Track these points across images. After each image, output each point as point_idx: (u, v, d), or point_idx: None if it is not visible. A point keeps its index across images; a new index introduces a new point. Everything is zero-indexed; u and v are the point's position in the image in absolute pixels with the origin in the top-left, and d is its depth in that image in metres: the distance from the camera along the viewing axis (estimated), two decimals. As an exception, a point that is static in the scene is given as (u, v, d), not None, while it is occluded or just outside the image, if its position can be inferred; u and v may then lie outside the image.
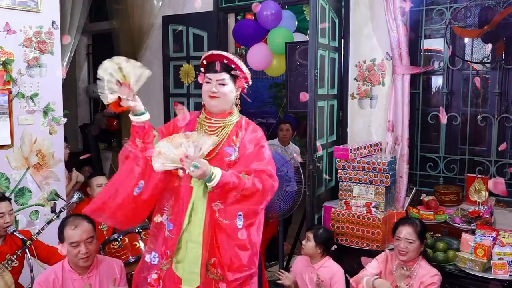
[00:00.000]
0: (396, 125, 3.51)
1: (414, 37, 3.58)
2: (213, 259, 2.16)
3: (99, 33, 6.04)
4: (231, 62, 2.23)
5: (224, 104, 2.25)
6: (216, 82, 2.21)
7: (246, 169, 2.15)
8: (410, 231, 2.67)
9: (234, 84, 2.26)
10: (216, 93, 2.21)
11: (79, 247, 2.41)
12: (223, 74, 2.22)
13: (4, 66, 3.12)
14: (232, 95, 2.27)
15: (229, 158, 2.21)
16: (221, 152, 2.21)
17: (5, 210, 2.82)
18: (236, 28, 4.49)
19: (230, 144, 2.23)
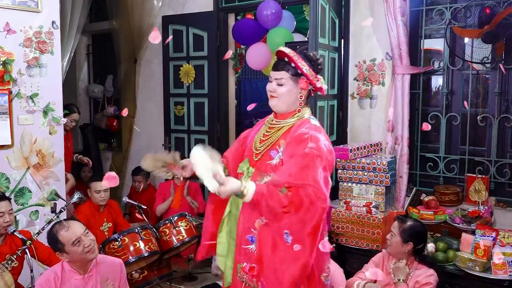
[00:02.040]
0: (396, 125, 3.51)
1: (414, 37, 3.58)
2: (244, 263, 2.04)
3: (99, 33, 6.04)
4: (291, 60, 2.05)
5: (282, 105, 2.10)
6: (275, 81, 2.09)
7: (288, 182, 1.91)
8: (395, 224, 2.71)
9: (297, 83, 2.07)
10: (274, 92, 2.09)
11: (82, 242, 2.41)
12: (282, 73, 2.07)
13: (4, 66, 3.12)
14: (291, 96, 2.08)
15: (270, 162, 2.05)
16: (266, 154, 2.08)
17: (5, 210, 2.82)
18: (236, 27, 4.49)
19: (275, 147, 2.07)
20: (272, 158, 2.06)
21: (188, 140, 4.84)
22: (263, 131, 2.17)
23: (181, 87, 4.83)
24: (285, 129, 2.10)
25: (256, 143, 2.14)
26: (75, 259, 2.45)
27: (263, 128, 2.20)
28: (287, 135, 2.07)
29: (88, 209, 3.62)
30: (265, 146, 2.10)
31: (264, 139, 2.13)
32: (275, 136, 2.10)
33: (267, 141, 2.11)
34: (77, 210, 3.55)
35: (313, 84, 2.08)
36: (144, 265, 3.36)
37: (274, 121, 2.16)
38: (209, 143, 4.71)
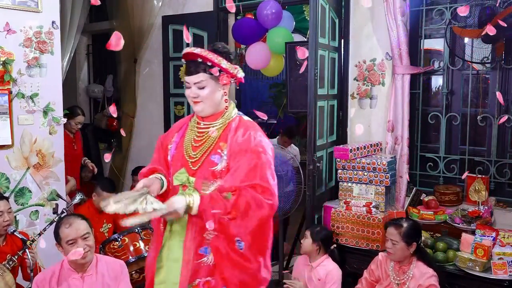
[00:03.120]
0: (396, 125, 3.51)
1: (414, 37, 3.58)
2: (197, 280, 1.91)
3: (99, 33, 6.04)
4: (205, 59, 1.93)
5: (210, 108, 2.00)
6: (195, 86, 1.97)
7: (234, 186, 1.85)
8: (393, 232, 2.69)
9: (217, 81, 1.97)
10: (197, 97, 1.97)
11: (76, 244, 2.39)
12: (199, 75, 1.94)
13: (4, 66, 3.12)
14: (216, 96, 1.99)
15: (214, 168, 1.94)
16: (207, 161, 1.96)
17: (4, 209, 2.82)
18: (236, 26, 4.49)
19: (217, 151, 1.95)
20: (215, 163, 1.94)
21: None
22: (192, 136, 2.04)
23: (181, 87, 4.82)
24: (220, 130, 2.00)
25: (189, 150, 2.01)
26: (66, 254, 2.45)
27: (190, 133, 2.06)
28: (225, 137, 1.97)
29: (88, 210, 3.62)
30: (203, 152, 1.97)
31: (198, 145, 2.00)
32: (211, 140, 1.98)
33: (203, 147, 1.98)
34: (77, 210, 3.54)
35: (234, 76, 2.00)
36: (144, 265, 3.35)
37: (202, 124, 2.03)
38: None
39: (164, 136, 2.18)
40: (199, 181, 1.95)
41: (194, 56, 1.95)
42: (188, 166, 1.99)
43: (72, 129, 4.32)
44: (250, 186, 1.84)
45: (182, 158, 2.02)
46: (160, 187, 1.97)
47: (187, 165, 1.99)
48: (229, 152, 1.94)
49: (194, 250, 1.93)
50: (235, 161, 1.91)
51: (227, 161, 1.94)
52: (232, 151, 1.93)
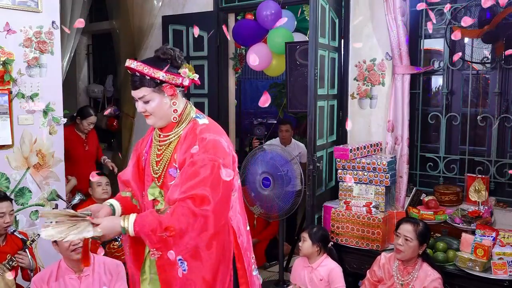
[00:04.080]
0: (396, 125, 3.51)
1: (414, 37, 3.58)
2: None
3: (99, 33, 6.04)
4: (142, 73, 1.83)
5: (161, 121, 1.91)
6: (140, 100, 1.88)
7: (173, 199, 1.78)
8: (409, 228, 2.69)
9: (163, 93, 1.87)
10: (145, 112, 1.89)
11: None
12: (142, 90, 1.84)
13: (4, 66, 3.12)
14: (164, 108, 1.88)
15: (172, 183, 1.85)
16: (166, 175, 1.89)
17: (6, 210, 2.82)
18: (236, 27, 4.49)
19: (172, 164, 1.87)
20: (173, 177, 1.86)
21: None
22: (155, 149, 1.96)
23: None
24: (175, 142, 1.91)
25: (153, 165, 1.95)
26: (61, 253, 2.47)
27: (154, 146, 1.98)
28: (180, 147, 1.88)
29: (88, 209, 3.62)
30: (162, 166, 1.90)
31: (159, 159, 1.93)
32: (168, 153, 1.91)
33: (162, 161, 1.91)
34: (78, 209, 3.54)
35: (180, 85, 1.89)
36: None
37: (162, 135, 1.95)
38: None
39: (139, 144, 2.11)
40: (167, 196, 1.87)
41: (131, 70, 1.85)
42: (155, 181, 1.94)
43: (84, 129, 4.30)
44: (188, 197, 1.73)
45: (149, 173, 1.97)
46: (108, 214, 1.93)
47: (154, 179, 1.94)
48: (179, 164, 1.86)
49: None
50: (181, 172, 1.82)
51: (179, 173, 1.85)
52: (181, 162, 1.84)
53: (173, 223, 1.71)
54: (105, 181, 3.72)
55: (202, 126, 1.90)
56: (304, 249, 3.04)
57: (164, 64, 1.86)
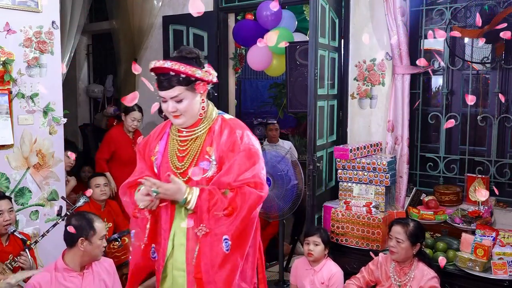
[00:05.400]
0: (396, 125, 3.51)
1: (414, 37, 3.58)
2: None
3: (99, 33, 6.04)
4: (178, 72, 1.84)
5: (191, 119, 1.95)
6: (171, 100, 1.89)
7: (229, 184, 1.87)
8: (399, 230, 2.70)
9: (195, 91, 1.90)
10: (176, 111, 1.90)
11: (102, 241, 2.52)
12: (175, 89, 1.86)
13: (4, 66, 3.12)
14: (196, 106, 1.93)
15: (206, 175, 1.91)
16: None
17: (4, 208, 2.82)
18: (236, 28, 4.49)
19: (205, 157, 1.92)
20: (205, 170, 1.91)
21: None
22: (175, 146, 1.99)
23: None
24: (204, 136, 1.96)
25: (174, 161, 1.97)
26: (88, 253, 2.49)
27: (172, 143, 2.00)
28: (210, 140, 1.94)
29: (89, 209, 3.61)
30: (190, 161, 1.94)
31: (183, 154, 1.96)
32: (195, 148, 1.94)
33: (189, 156, 1.94)
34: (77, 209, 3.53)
35: (210, 82, 1.94)
36: (144, 265, 3.35)
37: (185, 132, 1.98)
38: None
39: (144, 146, 2.12)
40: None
41: (165, 70, 1.86)
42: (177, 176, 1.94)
43: (129, 126, 4.23)
44: (245, 183, 1.87)
45: (169, 169, 1.97)
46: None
47: (176, 175, 1.94)
48: (218, 155, 1.92)
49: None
50: (227, 161, 1.90)
51: (216, 165, 1.92)
52: (221, 153, 1.92)
53: (234, 204, 1.83)
54: (103, 182, 3.72)
55: (233, 120, 2.00)
56: (316, 253, 2.98)
57: (192, 63, 1.89)
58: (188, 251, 1.95)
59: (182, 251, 1.97)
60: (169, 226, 1.99)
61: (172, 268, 2.00)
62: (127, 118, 4.19)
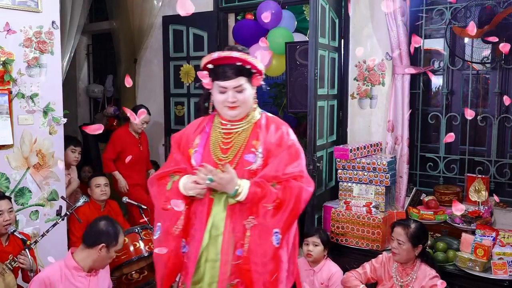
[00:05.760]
0: (396, 125, 3.51)
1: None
2: (236, 280, 1.93)
3: (99, 33, 6.04)
4: (245, 63, 1.89)
5: (244, 111, 1.98)
6: (233, 90, 1.92)
7: (276, 177, 1.90)
8: (400, 232, 2.69)
9: (251, 84, 1.96)
10: (236, 102, 1.92)
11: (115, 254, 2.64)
12: (240, 79, 1.90)
13: (4, 66, 3.12)
14: (251, 99, 1.98)
15: (250, 167, 1.93)
16: (241, 161, 1.94)
17: (4, 208, 2.81)
18: (236, 28, 4.49)
19: (250, 150, 1.95)
20: (250, 162, 1.94)
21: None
22: (219, 138, 2.00)
23: (181, 87, 4.83)
24: (249, 130, 1.99)
25: (217, 153, 1.98)
26: (101, 260, 2.53)
27: (215, 135, 2.02)
28: (256, 135, 1.97)
29: (88, 209, 3.62)
30: (235, 153, 1.96)
31: (227, 146, 1.98)
32: (241, 140, 1.97)
33: (233, 148, 1.97)
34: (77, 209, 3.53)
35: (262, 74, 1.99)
36: (144, 265, 3.35)
37: (229, 125, 2.00)
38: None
39: (180, 138, 2.11)
40: None
41: (231, 60, 1.89)
42: (218, 168, 1.94)
43: (138, 128, 4.26)
44: (292, 177, 1.90)
45: (211, 161, 1.97)
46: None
47: (217, 167, 1.94)
48: (264, 149, 1.95)
49: (232, 252, 1.93)
50: (273, 155, 1.94)
51: (262, 158, 1.95)
52: (268, 147, 1.95)
53: (282, 197, 1.86)
54: (103, 182, 3.71)
55: (276, 118, 2.06)
56: (316, 254, 2.99)
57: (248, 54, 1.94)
58: (224, 241, 1.94)
59: (218, 242, 1.95)
60: (205, 217, 1.97)
61: (206, 260, 1.98)
62: (137, 120, 4.19)
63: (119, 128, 4.43)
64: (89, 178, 3.87)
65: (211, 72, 1.95)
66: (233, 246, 1.92)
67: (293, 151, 1.95)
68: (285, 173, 1.90)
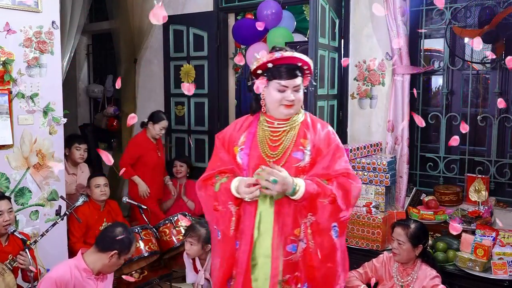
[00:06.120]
0: (396, 125, 3.51)
1: (414, 37, 3.58)
2: (287, 276, 1.98)
3: (99, 33, 6.04)
4: (304, 63, 2.00)
5: (297, 109, 2.06)
6: (292, 89, 1.99)
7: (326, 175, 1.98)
8: (400, 232, 2.69)
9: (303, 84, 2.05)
10: (294, 101, 2.00)
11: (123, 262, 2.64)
12: (298, 79, 1.99)
13: (4, 66, 3.12)
14: (302, 97, 2.06)
15: (298, 164, 1.99)
16: (289, 159, 2.00)
17: (4, 209, 2.81)
18: (236, 26, 4.49)
19: (299, 148, 2.01)
20: (299, 160, 2.00)
21: (188, 140, 4.85)
22: (267, 136, 2.05)
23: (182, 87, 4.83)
24: (297, 128, 2.05)
25: (266, 150, 2.03)
26: (109, 265, 2.54)
27: (263, 133, 2.06)
28: (303, 133, 2.04)
29: (88, 209, 3.62)
30: (284, 151, 2.01)
31: (276, 144, 2.03)
32: (289, 138, 2.03)
33: (283, 145, 2.02)
34: (77, 209, 3.53)
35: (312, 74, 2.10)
36: (144, 265, 3.36)
37: (276, 123, 2.05)
38: (209, 143, 4.73)
39: (224, 137, 2.15)
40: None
41: (292, 60, 1.98)
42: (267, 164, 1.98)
43: (156, 134, 4.21)
44: (340, 174, 1.99)
45: (259, 158, 2.02)
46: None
47: (266, 164, 1.98)
48: (313, 147, 2.02)
49: (283, 248, 1.98)
50: (322, 154, 2.01)
51: (311, 156, 2.01)
52: (317, 146, 2.02)
53: (337, 192, 1.94)
54: (103, 182, 3.71)
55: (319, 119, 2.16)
56: None
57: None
58: (274, 237, 1.98)
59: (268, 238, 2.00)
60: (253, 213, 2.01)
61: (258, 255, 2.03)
62: (156, 127, 4.17)
63: (138, 135, 4.35)
64: (89, 178, 3.86)
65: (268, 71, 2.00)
66: (283, 242, 1.98)
67: (339, 150, 2.04)
68: (334, 170, 1.99)
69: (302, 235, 1.97)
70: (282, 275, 1.98)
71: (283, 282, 1.99)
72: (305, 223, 1.96)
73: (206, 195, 2.08)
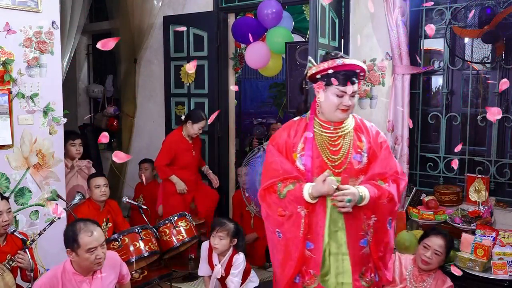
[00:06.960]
0: (396, 125, 3.51)
1: (414, 37, 3.58)
2: (363, 268, 2.17)
3: (99, 33, 6.04)
4: (362, 70, 2.14)
5: (350, 114, 2.19)
6: (349, 95, 2.09)
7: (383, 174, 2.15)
8: (441, 243, 2.68)
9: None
10: (350, 106, 2.11)
11: (96, 252, 2.38)
12: (356, 85, 2.12)
13: (4, 66, 3.12)
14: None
15: (358, 166, 2.14)
16: (350, 162, 2.13)
17: (3, 209, 2.81)
18: (236, 24, 4.48)
19: (357, 151, 2.15)
20: (358, 162, 2.14)
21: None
22: (325, 140, 2.15)
23: (182, 87, 4.83)
24: (352, 132, 2.17)
25: (327, 155, 2.13)
26: (80, 264, 2.42)
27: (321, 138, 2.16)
28: (358, 136, 2.17)
29: (88, 209, 3.62)
30: (345, 154, 2.13)
31: (337, 148, 2.14)
32: (347, 142, 2.15)
33: (343, 149, 2.14)
34: (77, 209, 3.54)
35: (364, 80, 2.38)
36: (144, 265, 3.36)
37: (332, 128, 2.16)
38: (209, 143, 4.73)
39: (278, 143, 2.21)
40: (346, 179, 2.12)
41: (352, 67, 2.09)
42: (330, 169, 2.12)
43: (194, 134, 4.17)
44: (394, 172, 2.17)
45: (321, 163, 2.13)
46: None
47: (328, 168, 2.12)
48: (369, 148, 2.16)
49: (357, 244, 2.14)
50: (377, 155, 2.17)
51: (367, 157, 2.16)
52: (372, 147, 2.17)
53: (393, 191, 2.12)
54: (103, 182, 3.71)
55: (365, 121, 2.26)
56: None
57: None
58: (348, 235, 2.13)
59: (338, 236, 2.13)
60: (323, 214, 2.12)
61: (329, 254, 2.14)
62: (195, 126, 4.13)
63: (173, 134, 4.30)
64: (89, 179, 3.87)
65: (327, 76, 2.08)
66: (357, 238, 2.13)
67: (389, 151, 2.21)
68: (389, 170, 2.15)
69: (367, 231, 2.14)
70: (361, 269, 2.15)
71: (362, 275, 2.16)
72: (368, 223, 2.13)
73: (271, 203, 2.17)
